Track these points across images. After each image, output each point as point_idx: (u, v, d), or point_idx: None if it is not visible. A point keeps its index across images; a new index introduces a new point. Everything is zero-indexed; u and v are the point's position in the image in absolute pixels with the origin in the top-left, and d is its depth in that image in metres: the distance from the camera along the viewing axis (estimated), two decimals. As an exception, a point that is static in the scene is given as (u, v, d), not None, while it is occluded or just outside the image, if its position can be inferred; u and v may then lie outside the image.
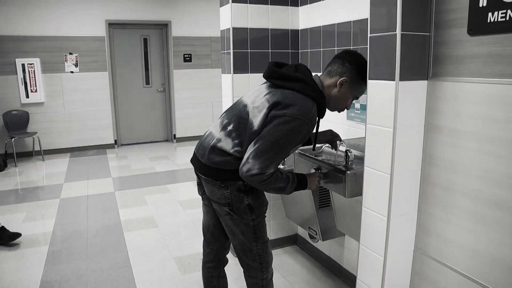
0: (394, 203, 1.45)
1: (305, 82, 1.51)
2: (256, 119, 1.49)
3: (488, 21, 1.17)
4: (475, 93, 1.27)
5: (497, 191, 1.24)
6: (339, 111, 1.67)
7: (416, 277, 1.57)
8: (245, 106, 1.56)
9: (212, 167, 1.56)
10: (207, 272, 1.85)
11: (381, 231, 1.49)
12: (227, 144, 1.54)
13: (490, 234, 1.28)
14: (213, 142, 1.57)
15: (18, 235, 3.00)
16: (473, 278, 1.35)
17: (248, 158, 1.45)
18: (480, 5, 1.19)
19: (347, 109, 1.66)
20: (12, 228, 3.32)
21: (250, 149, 1.46)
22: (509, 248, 1.23)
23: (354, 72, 1.55)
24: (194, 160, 1.68)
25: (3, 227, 2.99)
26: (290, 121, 1.43)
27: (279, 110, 1.45)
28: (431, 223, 1.49)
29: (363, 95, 1.62)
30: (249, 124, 1.50)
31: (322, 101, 1.53)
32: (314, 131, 1.64)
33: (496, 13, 1.14)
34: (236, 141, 1.52)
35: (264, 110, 1.47)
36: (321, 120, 1.63)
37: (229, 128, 1.56)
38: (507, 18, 1.12)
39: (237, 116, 1.56)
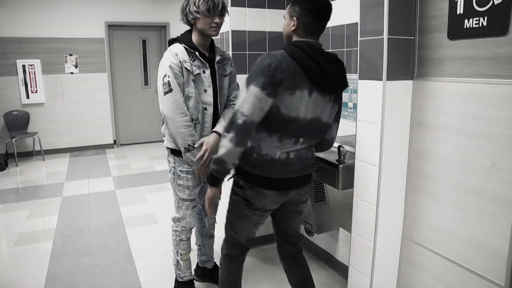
0: (383, 193, 1.57)
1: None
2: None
3: (465, 26, 1.30)
4: (454, 91, 1.40)
5: (475, 180, 1.36)
6: None
7: (403, 262, 1.69)
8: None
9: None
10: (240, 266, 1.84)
11: (371, 219, 1.61)
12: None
13: (468, 220, 1.40)
14: None
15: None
16: (453, 260, 1.47)
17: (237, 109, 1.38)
18: (458, 12, 1.32)
19: None
20: (15, 225, 3.40)
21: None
22: (485, 231, 1.35)
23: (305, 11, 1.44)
24: None
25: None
26: (260, 60, 1.39)
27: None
28: (416, 211, 1.61)
29: (355, 94, 1.74)
30: None
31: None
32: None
33: (471, 20, 1.27)
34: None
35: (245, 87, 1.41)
36: None
37: None
38: (480, 25, 1.24)
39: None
